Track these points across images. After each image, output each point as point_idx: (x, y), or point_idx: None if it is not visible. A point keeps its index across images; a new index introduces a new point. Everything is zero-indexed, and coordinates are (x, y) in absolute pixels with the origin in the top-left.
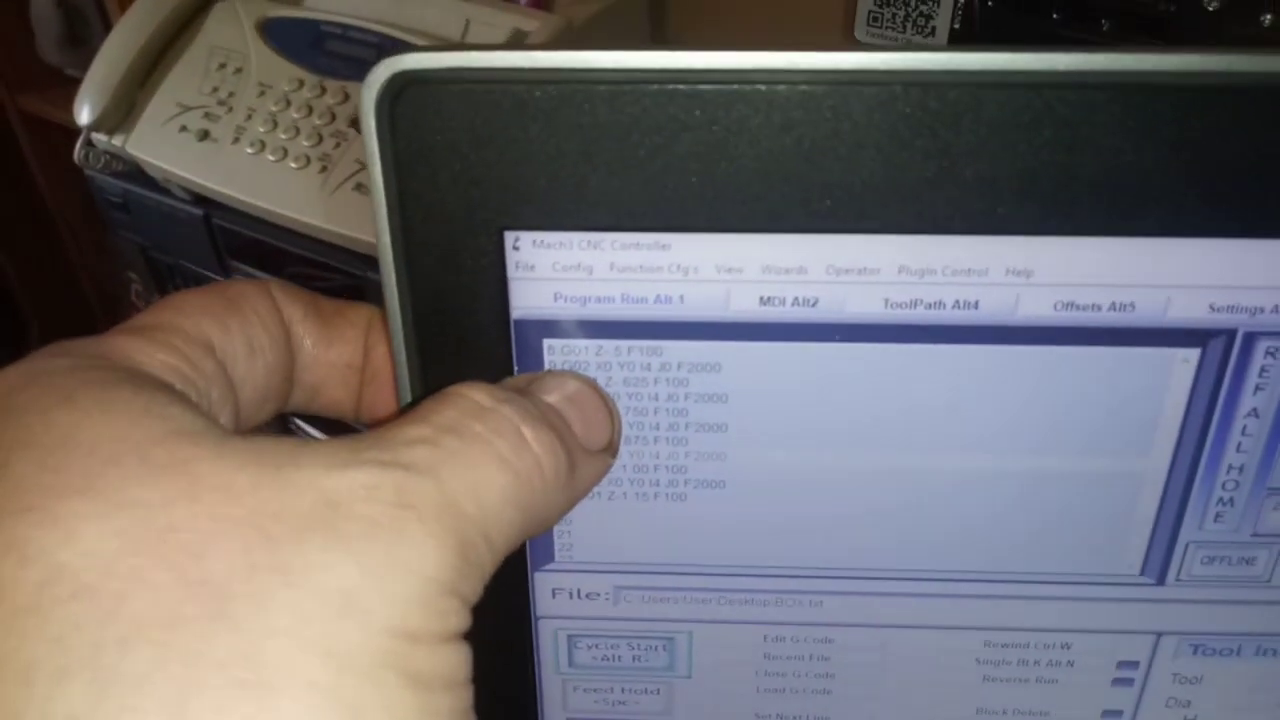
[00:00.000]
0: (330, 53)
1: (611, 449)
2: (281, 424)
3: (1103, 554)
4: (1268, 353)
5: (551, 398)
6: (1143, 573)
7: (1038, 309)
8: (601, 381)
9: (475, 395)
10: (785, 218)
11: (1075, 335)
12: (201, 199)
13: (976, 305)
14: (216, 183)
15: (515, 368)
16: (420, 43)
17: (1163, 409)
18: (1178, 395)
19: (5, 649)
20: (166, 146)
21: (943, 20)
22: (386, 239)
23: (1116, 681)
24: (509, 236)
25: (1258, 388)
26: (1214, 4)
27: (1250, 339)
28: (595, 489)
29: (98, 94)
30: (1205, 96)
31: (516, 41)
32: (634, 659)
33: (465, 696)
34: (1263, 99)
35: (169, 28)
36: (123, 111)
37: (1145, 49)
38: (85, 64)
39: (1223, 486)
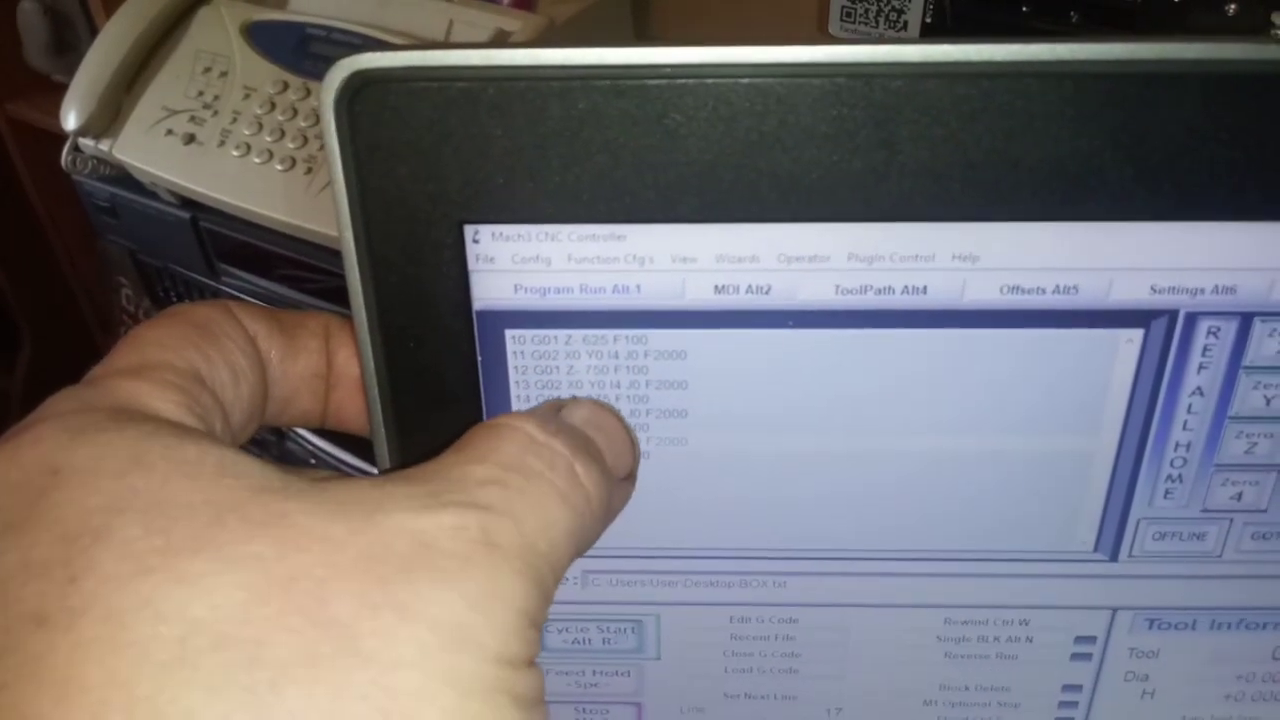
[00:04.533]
0: (314, 55)
1: (633, 477)
2: (279, 434)
3: (1057, 531)
4: (1209, 333)
5: (585, 428)
6: (1096, 549)
7: (984, 293)
8: (563, 370)
9: (528, 429)
10: (736, 208)
11: (1021, 318)
12: (189, 202)
13: (925, 290)
14: (202, 186)
15: (479, 358)
16: (400, 43)
17: (1109, 389)
18: (1123, 375)
19: (161, 701)
20: (153, 150)
21: (914, 14)
22: (349, 235)
23: (1075, 656)
24: (469, 230)
25: (1201, 367)
26: None
27: (1192, 319)
28: None
29: (84, 100)
30: (1141, 84)
31: (499, 42)
32: (604, 642)
33: (547, 712)
34: (1196, 86)
35: (154, 32)
36: (109, 116)
37: (1082, 38)
38: (73, 70)
39: (1171, 464)
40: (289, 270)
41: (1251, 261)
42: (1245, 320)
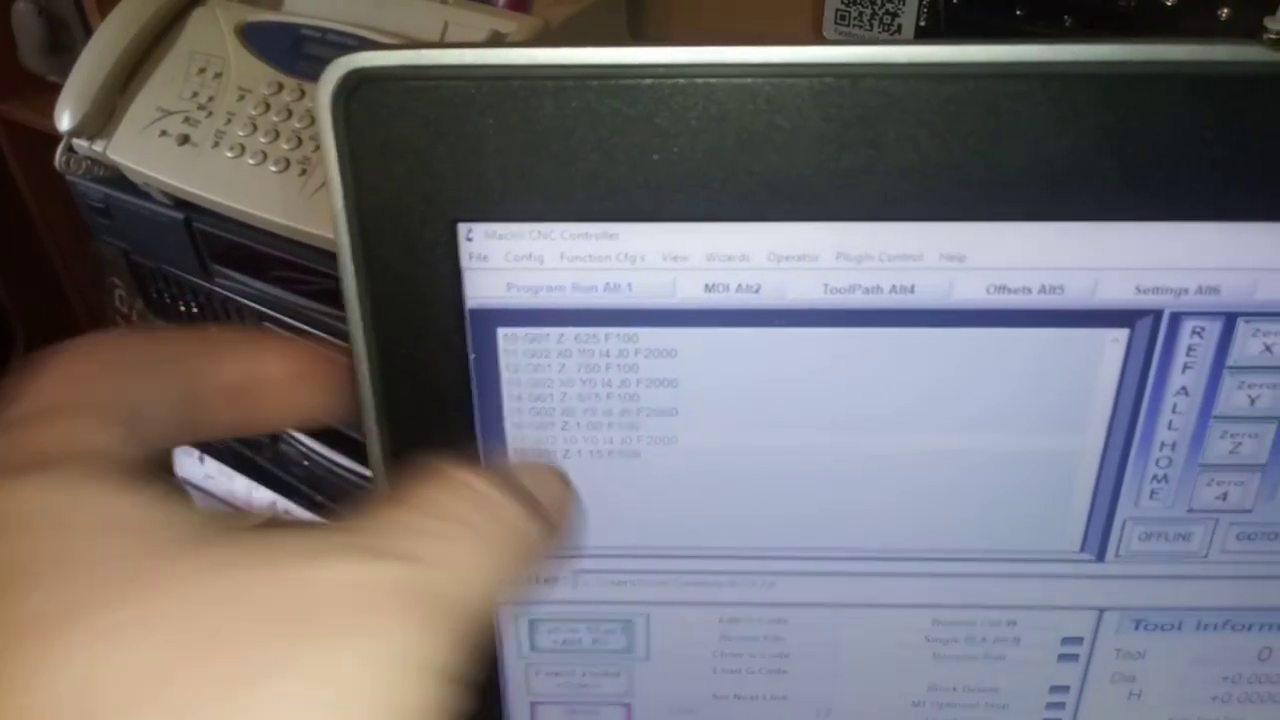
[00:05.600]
0: (309, 56)
1: (568, 520)
2: (273, 437)
3: (1043, 531)
4: (1194, 332)
5: (524, 479)
6: (1083, 549)
7: (971, 292)
8: (554, 369)
9: (466, 478)
10: (726, 207)
11: (1008, 317)
12: (182, 203)
13: (912, 289)
14: (196, 187)
15: (471, 355)
16: (395, 44)
17: (1095, 388)
18: (1108, 375)
19: None
20: (147, 152)
21: (908, 18)
22: (344, 232)
23: (1062, 657)
24: (462, 228)
25: (1186, 366)
26: None
27: (1176, 319)
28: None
29: (78, 100)
30: (1126, 85)
31: (494, 44)
32: (594, 642)
33: None
34: (1180, 87)
35: (148, 33)
36: (103, 117)
37: (1066, 41)
38: (67, 71)
39: (1156, 464)
40: (283, 272)
41: (1235, 262)
42: (1229, 320)
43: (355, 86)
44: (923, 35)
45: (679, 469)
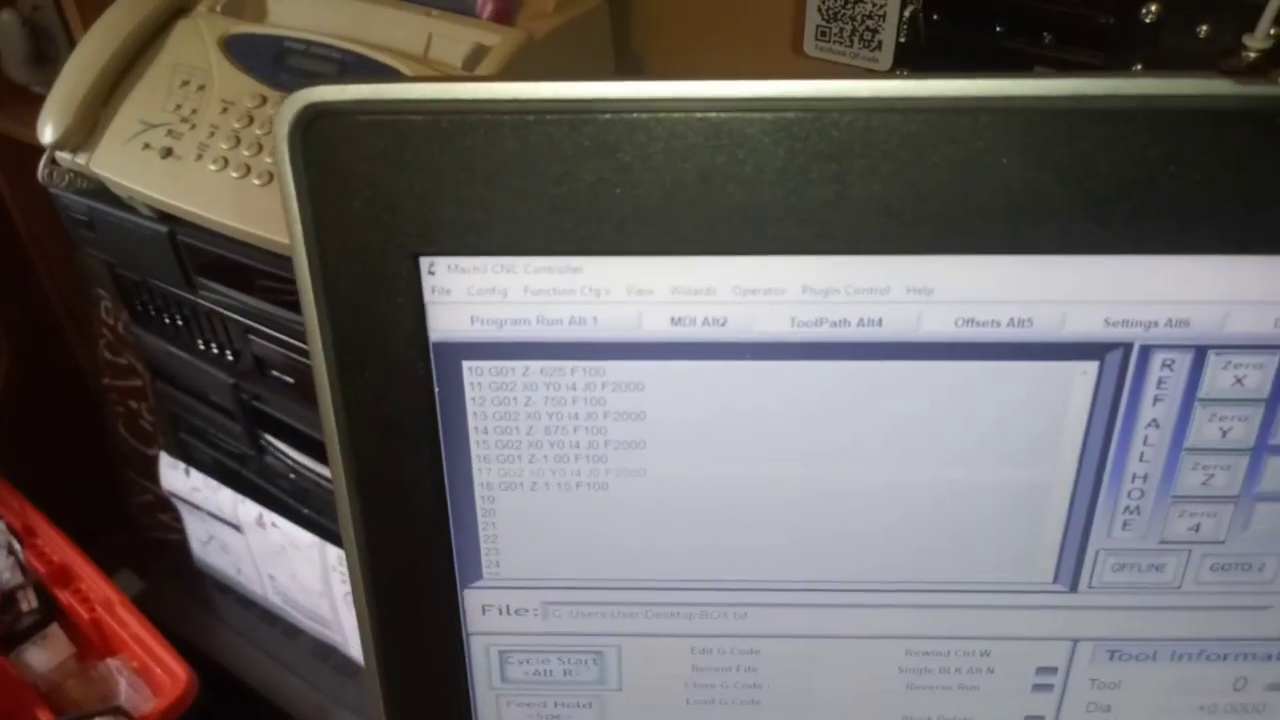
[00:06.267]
0: (293, 69)
1: None
2: (259, 449)
3: (1016, 562)
4: (1164, 365)
5: None
6: (1056, 580)
7: (939, 325)
8: (520, 402)
9: None
10: (691, 240)
11: (977, 350)
12: (166, 216)
13: (880, 323)
14: (179, 200)
15: (436, 389)
16: (382, 59)
17: (1065, 420)
18: (1079, 407)
19: None
20: (130, 164)
21: (888, 35)
22: (304, 265)
23: (1036, 688)
24: (424, 262)
25: (1156, 399)
26: (1151, 16)
27: (1146, 352)
28: (521, 501)
29: (60, 113)
30: (1092, 118)
31: (478, 56)
32: (565, 673)
33: None
34: (1145, 121)
35: (131, 45)
36: (86, 130)
37: (1032, 76)
38: (51, 82)
39: (1128, 495)
40: (266, 283)
41: (1204, 294)
42: (1199, 353)
43: (312, 120)
44: (903, 52)
45: (648, 501)
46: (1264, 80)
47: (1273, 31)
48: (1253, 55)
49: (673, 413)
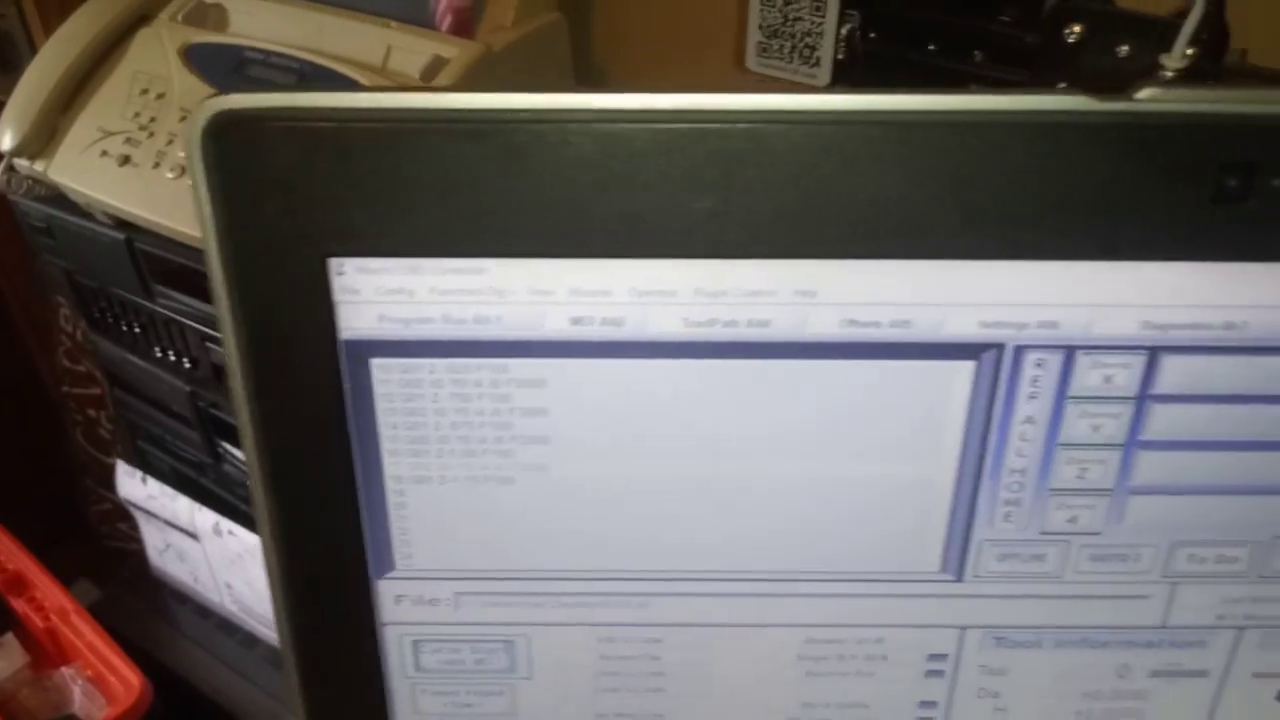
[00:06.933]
0: (252, 78)
1: None
2: (216, 457)
3: (905, 553)
4: (1036, 364)
5: None
6: (943, 570)
7: (824, 327)
8: (428, 398)
9: None
10: (589, 244)
11: (860, 350)
12: (124, 223)
13: (768, 323)
14: (137, 207)
15: (346, 386)
16: (341, 69)
17: (946, 417)
18: (958, 404)
19: None
20: (88, 172)
21: (826, 51)
22: (217, 267)
23: (929, 674)
24: (334, 263)
25: (1030, 396)
26: (1073, 35)
27: (1020, 352)
28: (431, 495)
29: (18, 121)
30: (966, 132)
31: (436, 67)
32: (476, 662)
33: None
34: (1016, 134)
35: (92, 53)
36: (45, 137)
37: (910, 91)
38: (12, 89)
39: (1008, 489)
40: None
41: (1071, 298)
42: (1069, 353)
43: (224, 126)
44: (840, 69)
45: (552, 495)
46: (1123, 98)
47: (1189, 52)
48: (1170, 74)
49: (574, 409)
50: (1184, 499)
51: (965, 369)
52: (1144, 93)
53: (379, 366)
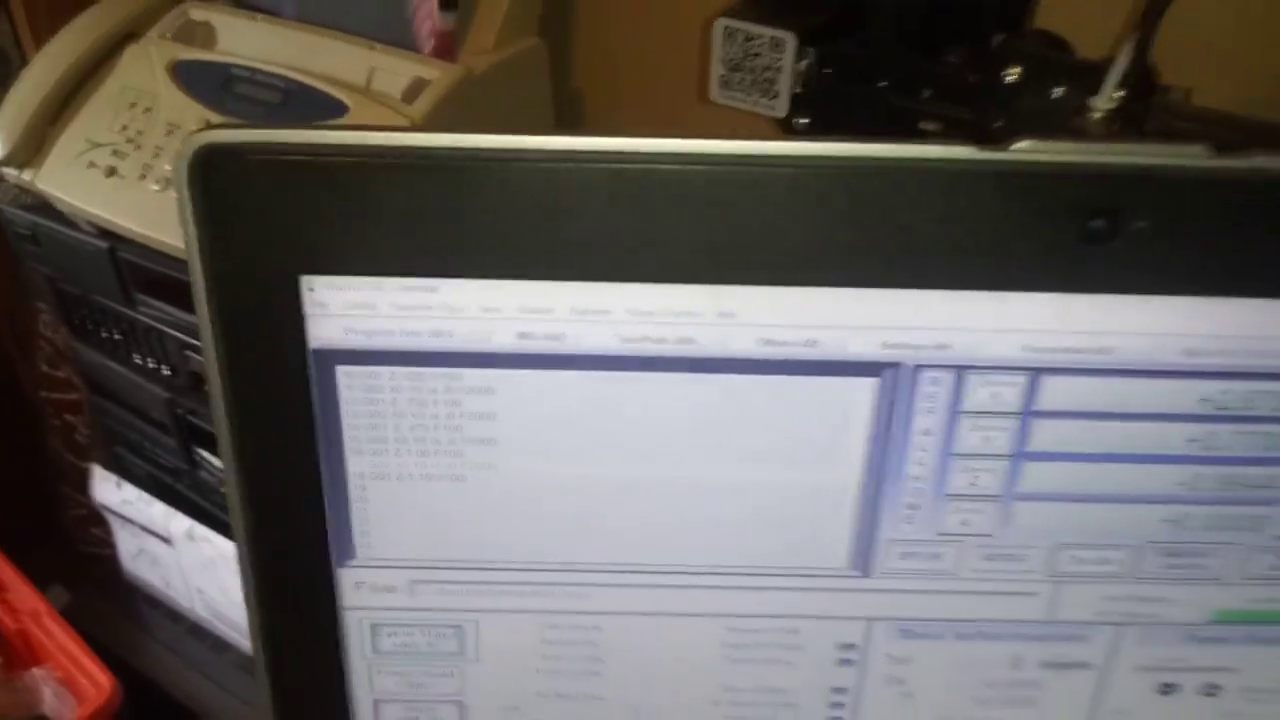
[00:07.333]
0: (239, 95)
1: None
2: (192, 464)
3: (817, 550)
4: (931, 382)
5: None
6: (851, 566)
7: (743, 345)
8: (387, 403)
9: None
10: (533, 267)
11: (775, 366)
12: (108, 233)
13: (693, 341)
14: (121, 218)
15: (314, 390)
16: (325, 88)
17: (851, 429)
18: (862, 417)
19: None
20: (75, 182)
21: (784, 85)
22: (200, 284)
23: (841, 662)
24: (305, 280)
25: (927, 410)
26: (1012, 78)
27: (916, 371)
28: (389, 490)
29: (8, 130)
30: (864, 177)
31: (418, 89)
32: (429, 645)
33: None
34: (907, 179)
35: (81, 67)
36: (33, 147)
37: (817, 140)
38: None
39: (908, 493)
40: None
41: (963, 324)
42: (960, 373)
43: (209, 158)
44: (797, 102)
45: (499, 492)
46: (1001, 149)
47: (1116, 94)
48: (1098, 115)
49: (519, 414)
50: (1065, 505)
51: (868, 385)
52: (1020, 145)
53: (344, 373)
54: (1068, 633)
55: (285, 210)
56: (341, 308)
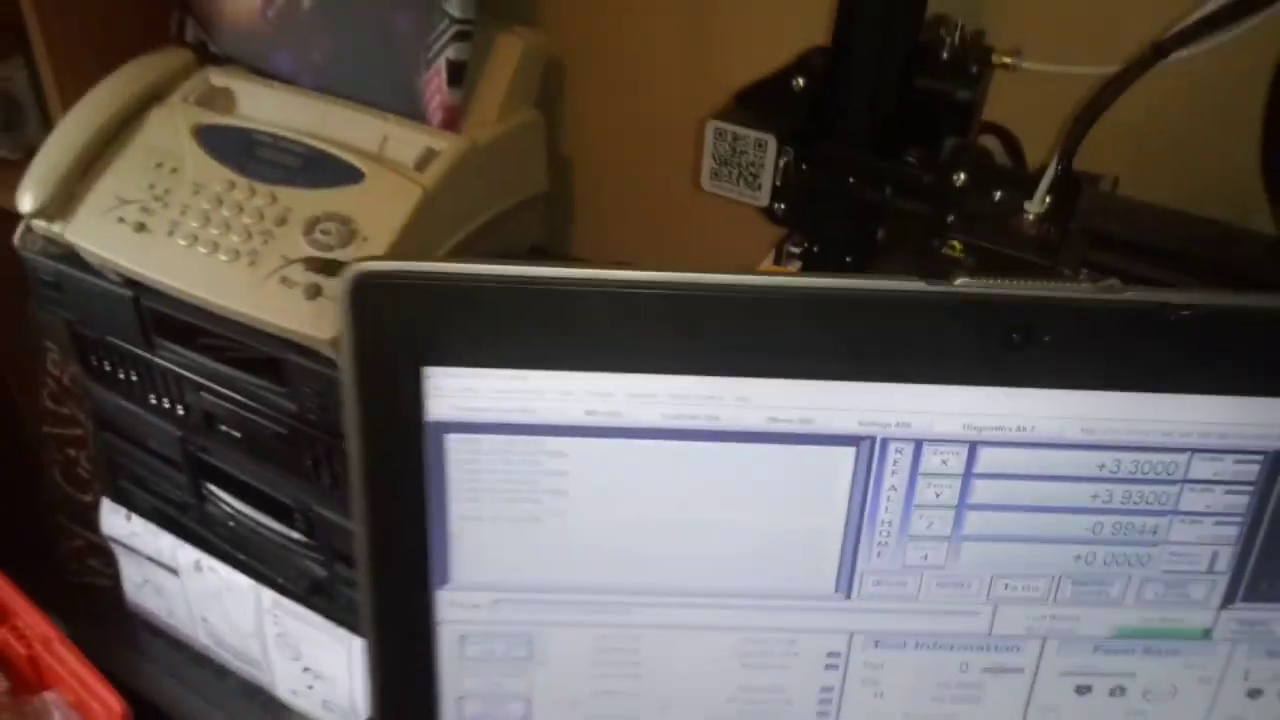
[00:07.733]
0: (260, 159)
1: None
2: (200, 498)
3: (809, 579)
4: (896, 451)
5: None
6: (836, 591)
7: (755, 421)
8: (484, 462)
9: None
10: (599, 363)
11: (778, 438)
12: (131, 282)
13: (718, 418)
14: (151, 270)
15: (427, 453)
16: (342, 154)
17: (836, 485)
18: (844, 477)
19: None
20: (105, 235)
21: (766, 178)
22: (349, 372)
23: (828, 666)
24: (426, 370)
25: (893, 472)
26: (960, 181)
27: (885, 443)
28: (480, 529)
29: (40, 185)
30: (844, 300)
31: (429, 158)
32: (504, 651)
33: None
34: (877, 303)
35: (110, 126)
36: (63, 201)
37: (809, 275)
38: (18, 147)
39: (880, 534)
40: (220, 344)
41: (919, 408)
42: (918, 445)
43: (363, 282)
44: (777, 193)
45: (566, 532)
46: (945, 284)
47: (1047, 199)
48: (1031, 217)
49: (585, 472)
50: (1000, 545)
51: (849, 453)
52: (959, 280)
53: (452, 440)
54: (1004, 644)
55: (415, 319)
56: (453, 391)
